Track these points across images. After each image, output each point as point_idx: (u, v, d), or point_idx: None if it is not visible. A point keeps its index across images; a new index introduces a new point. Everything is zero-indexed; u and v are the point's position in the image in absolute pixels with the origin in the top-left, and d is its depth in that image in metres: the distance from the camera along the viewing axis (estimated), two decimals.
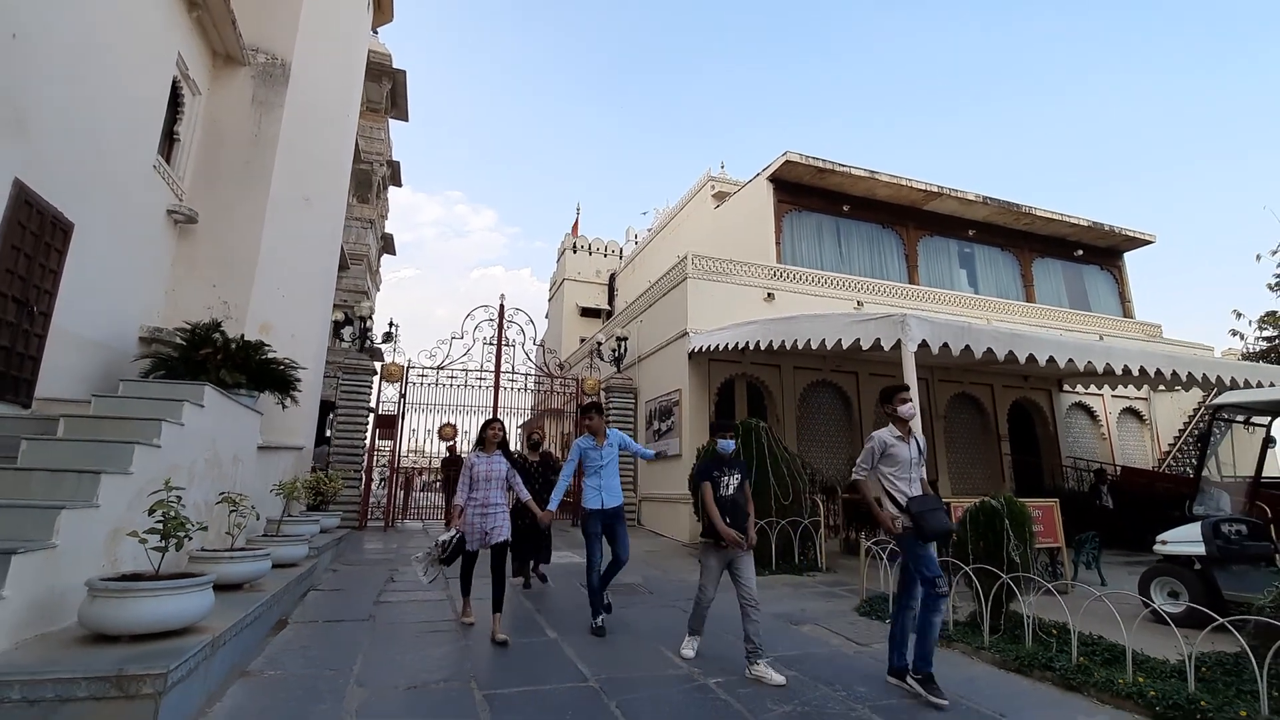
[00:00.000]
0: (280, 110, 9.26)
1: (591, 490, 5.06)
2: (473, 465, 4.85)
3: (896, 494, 3.80)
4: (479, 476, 4.81)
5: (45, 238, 5.67)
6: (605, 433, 5.23)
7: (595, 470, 5.07)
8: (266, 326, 8.45)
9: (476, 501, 4.77)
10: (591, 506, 5.04)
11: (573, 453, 5.25)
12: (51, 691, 2.47)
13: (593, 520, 5.02)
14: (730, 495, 4.18)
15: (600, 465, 5.07)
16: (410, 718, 3.18)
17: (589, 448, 5.15)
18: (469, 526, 4.72)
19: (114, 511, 3.64)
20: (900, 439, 3.89)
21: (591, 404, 5.48)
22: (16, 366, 5.43)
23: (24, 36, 5.17)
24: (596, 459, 5.10)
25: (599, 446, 5.14)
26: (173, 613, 2.96)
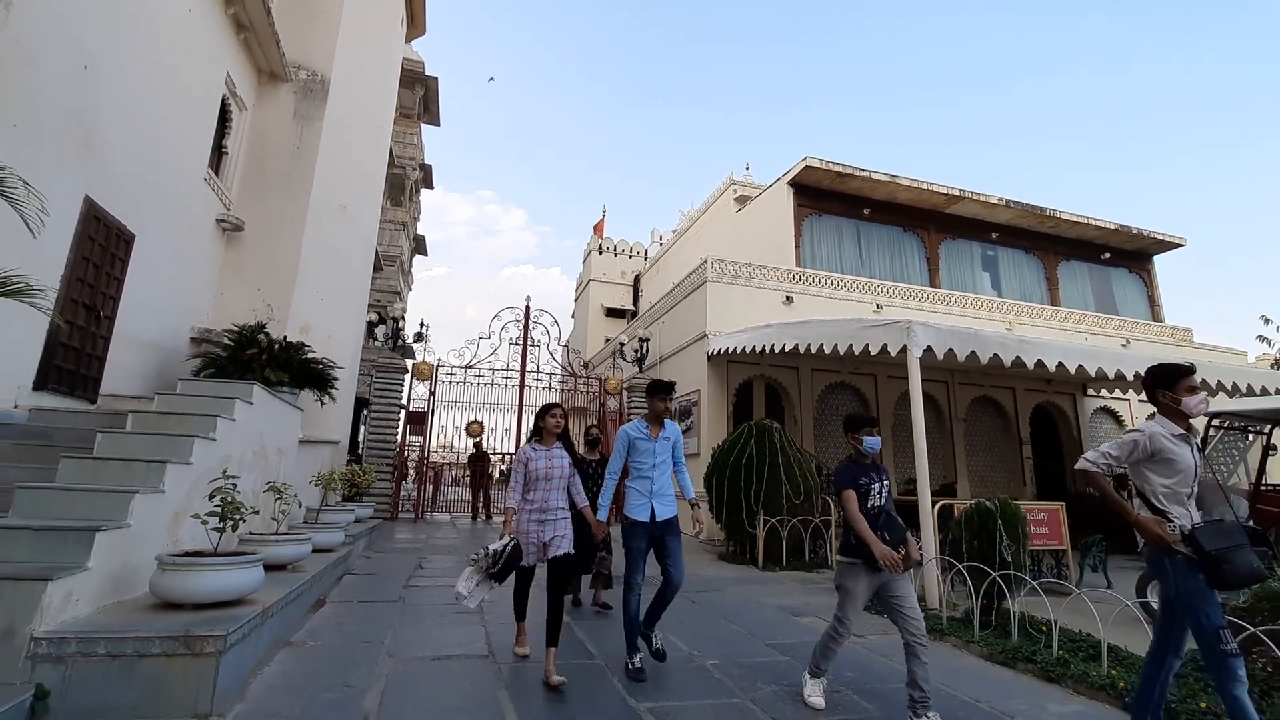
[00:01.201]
0: (320, 123, 9.81)
1: (637, 495, 3.98)
2: (528, 460, 3.91)
3: (1170, 512, 2.83)
4: (536, 474, 3.88)
5: (111, 249, 6.24)
6: (664, 424, 4.12)
7: (645, 469, 4.01)
8: (306, 328, 9.00)
9: (532, 506, 3.87)
10: (637, 517, 3.92)
11: (619, 442, 4.12)
12: (131, 648, 2.90)
13: (638, 534, 3.92)
14: (882, 505, 3.47)
15: (651, 464, 4.00)
16: (435, 683, 3.57)
17: (640, 438, 4.03)
18: (523, 536, 3.85)
19: (176, 496, 4.11)
20: (1181, 439, 2.90)
21: (660, 382, 4.20)
22: (85, 366, 6.00)
23: (93, 66, 5.71)
24: (648, 455, 4.00)
25: (653, 438, 4.04)
26: (230, 585, 3.38)
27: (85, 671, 2.81)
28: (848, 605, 3.49)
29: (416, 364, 13.07)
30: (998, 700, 3.70)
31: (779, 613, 5.80)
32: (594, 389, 15.04)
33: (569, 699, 3.44)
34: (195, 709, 2.88)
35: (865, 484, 3.49)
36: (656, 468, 4.03)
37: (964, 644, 4.74)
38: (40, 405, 5.19)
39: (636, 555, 3.96)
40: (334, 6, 10.39)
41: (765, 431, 8.83)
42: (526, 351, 13.98)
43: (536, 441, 4.07)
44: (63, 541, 3.19)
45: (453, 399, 13.61)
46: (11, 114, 4.61)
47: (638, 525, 3.95)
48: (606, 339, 24.43)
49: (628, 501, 4.02)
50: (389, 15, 11.80)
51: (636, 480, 4.03)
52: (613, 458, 4.21)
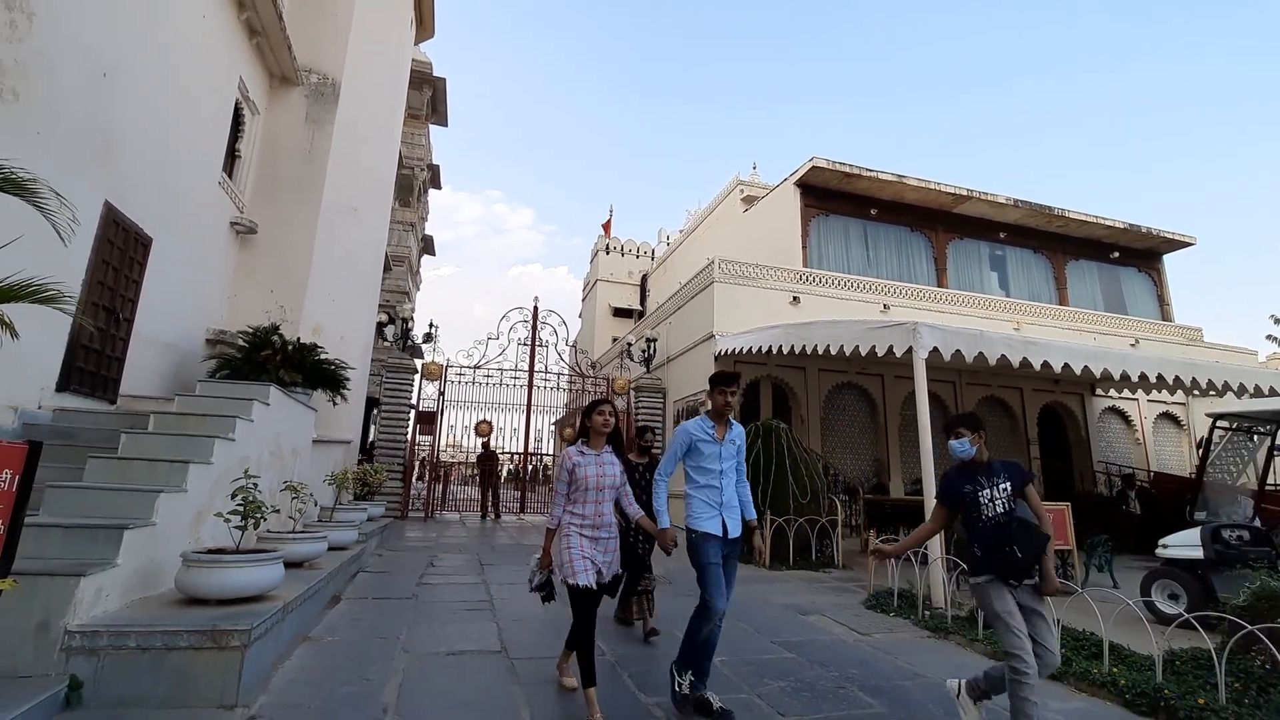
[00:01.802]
0: (331, 126, 9.94)
1: (704, 506, 3.40)
2: (575, 466, 3.28)
3: None
4: (586, 483, 3.24)
5: (129, 252, 6.37)
6: (730, 423, 3.55)
7: (709, 476, 3.42)
8: (318, 329, 9.13)
9: (584, 522, 3.23)
10: (706, 529, 3.35)
11: (677, 441, 3.54)
12: (160, 641, 3.01)
13: (710, 547, 3.34)
14: (1004, 513, 2.97)
15: (718, 470, 3.43)
16: (450, 678, 3.67)
17: (704, 439, 3.46)
18: (574, 554, 3.16)
19: (198, 495, 4.23)
20: None
21: (724, 373, 3.60)
22: (105, 368, 6.14)
23: (113, 74, 5.84)
24: (713, 459, 3.43)
25: (718, 440, 3.46)
26: (252, 581, 3.50)
27: (116, 663, 2.92)
28: (1011, 637, 2.88)
29: (426, 364, 13.21)
30: (999, 697, 3.76)
31: (785, 611, 5.88)
32: (602, 389, 15.14)
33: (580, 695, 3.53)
34: (221, 700, 2.99)
35: (972, 492, 3.06)
36: (724, 475, 3.44)
37: (968, 642, 4.80)
38: (63, 406, 5.33)
39: (716, 571, 3.30)
40: (344, 10, 10.52)
41: (772, 432, 8.90)
42: (535, 352, 14.10)
43: (584, 444, 3.39)
44: (93, 539, 3.31)
45: (462, 399, 13.75)
46: (35, 122, 4.74)
47: (711, 539, 3.34)
48: (614, 339, 24.53)
49: (692, 512, 3.42)
50: (398, 18, 11.92)
51: (700, 489, 3.44)
52: (666, 458, 3.60)
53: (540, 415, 14.51)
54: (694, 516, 3.43)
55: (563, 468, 3.35)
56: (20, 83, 4.47)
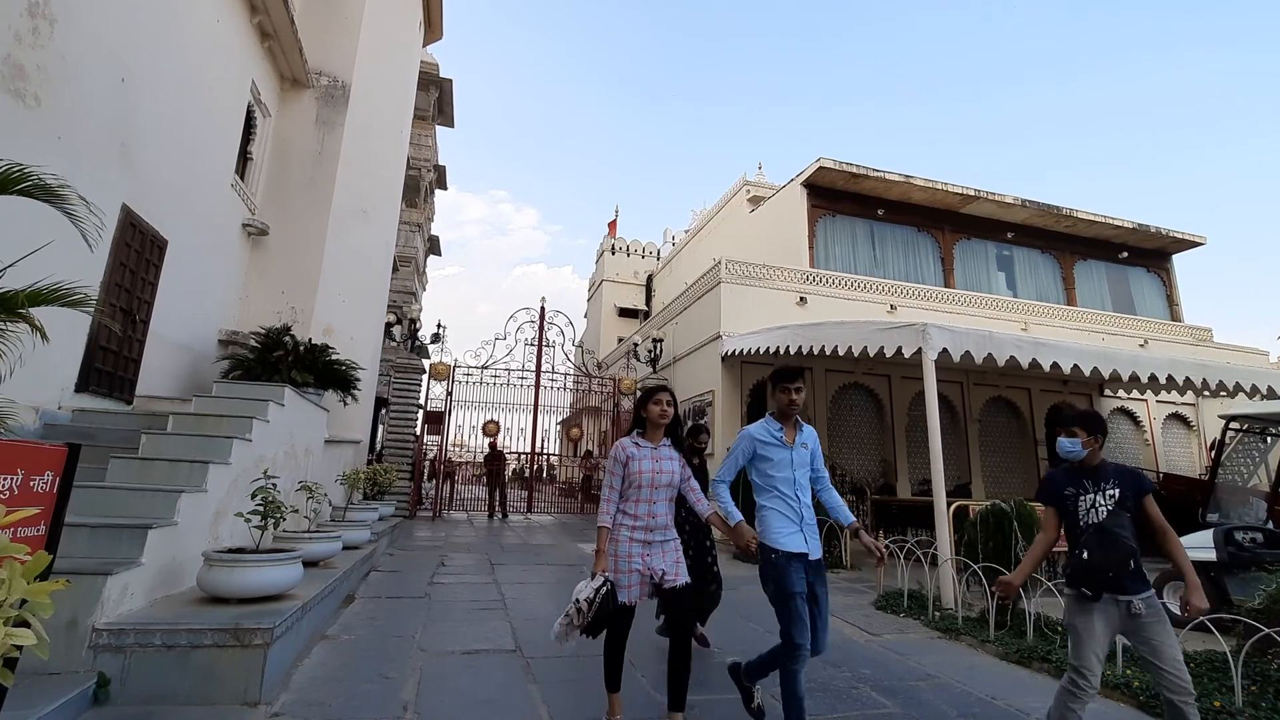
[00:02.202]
0: (341, 128, 10.01)
1: (782, 520, 2.93)
2: (629, 459, 2.96)
3: None
4: (640, 479, 2.93)
5: (146, 255, 6.44)
6: (800, 425, 3.12)
7: (781, 486, 2.97)
8: (329, 330, 9.19)
9: (635, 523, 2.92)
10: (790, 547, 2.87)
11: (738, 446, 3.12)
12: (184, 639, 3.06)
13: (793, 571, 2.83)
14: (1101, 525, 2.73)
15: (790, 479, 2.97)
16: (467, 676, 3.71)
17: (771, 442, 3.03)
18: (622, 562, 2.90)
19: (217, 495, 4.29)
20: None
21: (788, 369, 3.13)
22: (122, 368, 6.21)
23: (131, 79, 5.91)
24: (783, 466, 2.99)
25: (788, 444, 3.02)
26: (273, 581, 3.55)
27: (143, 661, 2.97)
28: (1081, 650, 2.71)
29: (434, 364, 13.29)
30: (1013, 697, 3.78)
31: None
32: (608, 389, 15.19)
33: (598, 693, 3.56)
34: (245, 698, 3.03)
35: (1072, 495, 2.83)
36: (798, 485, 2.98)
37: (979, 643, 4.81)
38: (82, 406, 5.39)
39: (798, 600, 2.78)
40: (354, 13, 10.58)
41: None
42: (541, 352, 14.16)
43: (639, 435, 3.07)
44: (117, 538, 3.37)
45: (469, 399, 13.82)
46: (57, 126, 4.81)
47: (793, 560, 2.83)
48: (619, 339, 24.58)
49: (767, 527, 2.92)
50: (408, 21, 11.99)
51: (773, 499, 2.96)
52: (727, 462, 3.13)
53: (546, 415, 14.57)
54: (770, 533, 2.89)
55: (615, 460, 2.99)
56: (43, 88, 4.53)
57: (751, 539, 2.89)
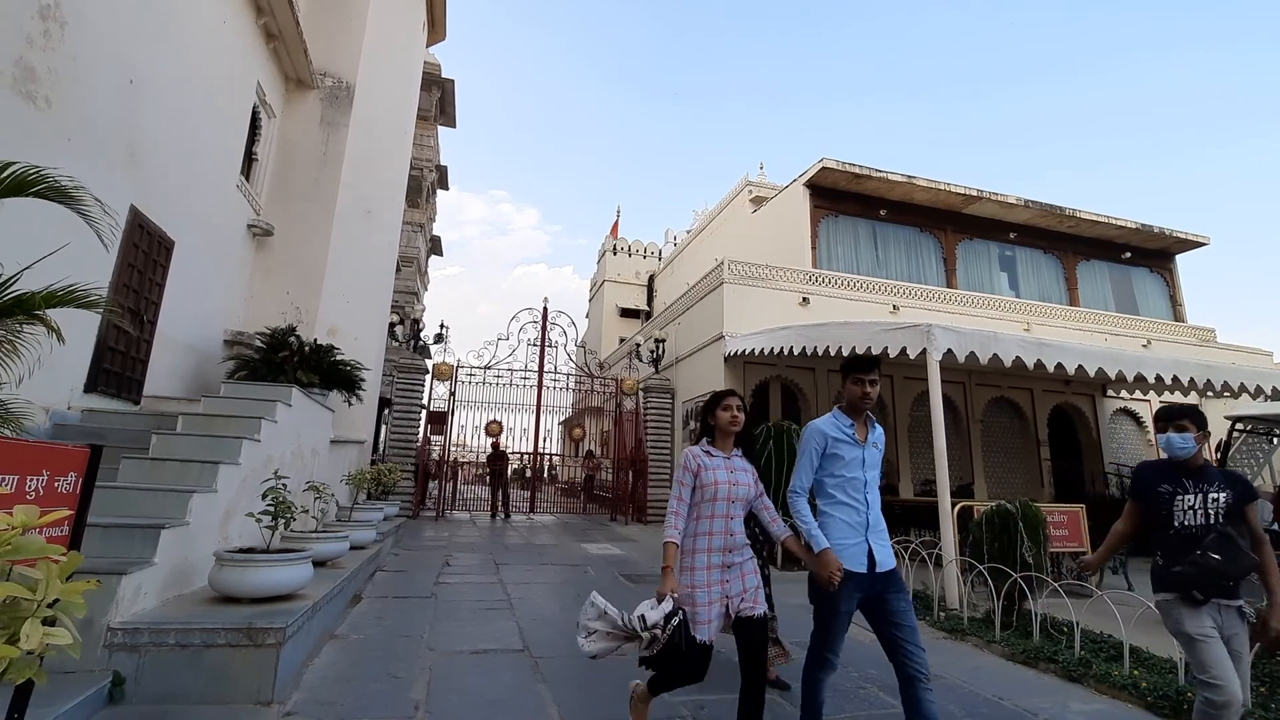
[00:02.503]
0: (345, 129, 10.02)
1: (844, 529, 2.63)
2: (700, 469, 2.66)
3: None
4: (716, 490, 2.62)
5: (153, 256, 6.46)
6: (871, 422, 2.83)
7: (850, 489, 2.68)
8: (333, 330, 9.21)
9: (711, 541, 2.60)
10: (847, 565, 2.56)
11: (809, 443, 2.76)
12: (198, 639, 3.08)
13: (845, 591, 2.54)
14: (1206, 526, 2.60)
15: (861, 481, 2.70)
16: (476, 675, 3.73)
17: (844, 440, 2.72)
18: (699, 591, 2.54)
19: (227, 495, 4.31)
20: None
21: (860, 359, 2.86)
22: (130, 369, 6.23)
23: (138, 81, 5.93)
24: (854, 466, 2.70)
25: (860, 442, 2.73)
26: (284, 581, 3.57)
27: (157, 660, 3.00)
28: (1207, 658, 2.50)
29: (437, 365, 13.32)
30: (1020, 698, 3.79)
31: (800, 610, 5.85)
32: (610, 389, 15.21)
33: (607, 693, 3.58)
34: (258, 697, 3.05)
35: (1168, 493, 2.67)
36: (868, 487, 2.70)
37: (985, 644, 4.82)
38: (91, 406, 5.41)
39: (840, 620, 2.58)
40: (359, 15, 10.60)
41: (783, 433, 8.91)
42: (544, 352, 14.18)
43: (709, 444, 2.78)
44: (130, 538, 3.39)
45: (472, 399, 13.85)
46: (68, 129, 4.83)
47: (848, 577, 2.54)
48: (621, 339, 24.60)
49: (827, 535, 2.61)
50: (411, 22, 12.01)
51: (835, 505, 2.66)
52: (800, 465, 2.76)
53: (548, 415, 14.60)
54: (835, 542, 2.61)
55: (685, 469, 2.67)
56: (54, 90, 4.55)
57: (836, 571, 2.49)
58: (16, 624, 1.13)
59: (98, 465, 2.04)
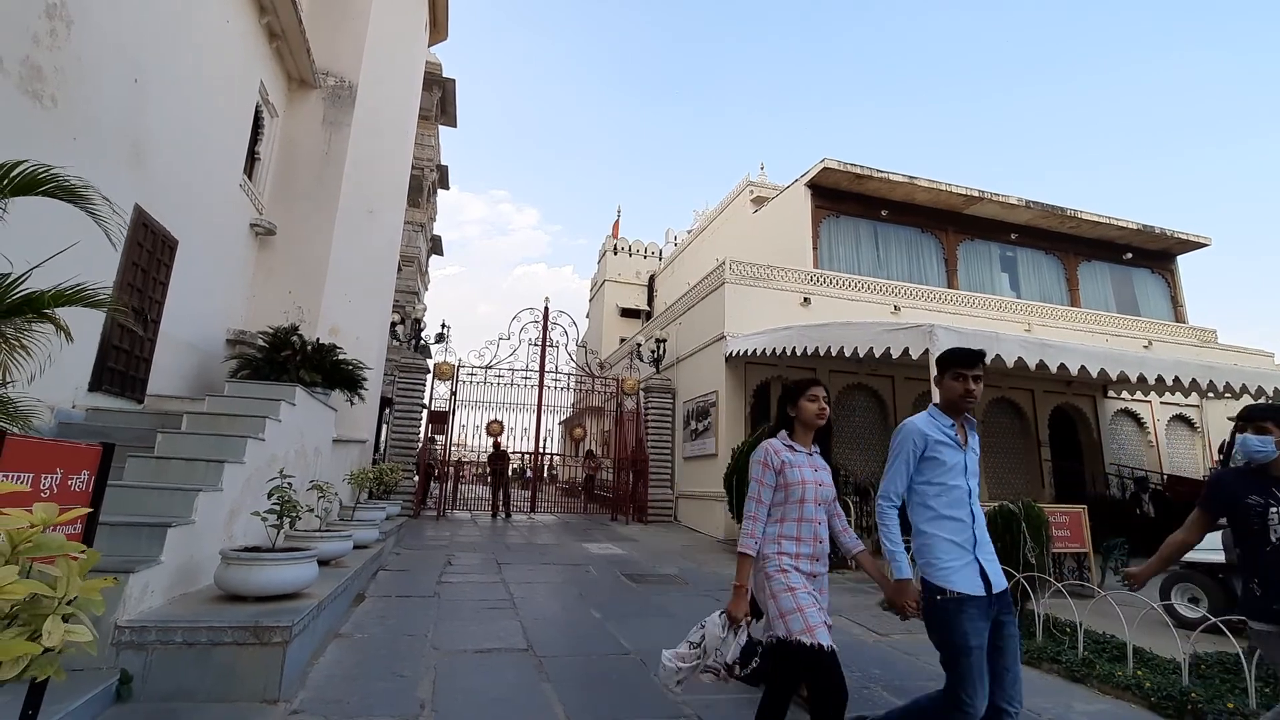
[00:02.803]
0: (348, 129, 10.03)
1: (947, 546, 2.27)
2: (783, 465, 2.37)
3: None
4: (803, 491, 2.35)
5: (157, 255, 6.47)
6: (969, 420, 2.47)
7: (952, 497, 2.32)
8: (335, 329, 9.22)
9: (799, 548, 2.33)
10: (965, 589, 2.20)
11: (904, 445, 2.39)
12: (205, 637, 3.09)
13: (966, 620, 2.17)
14: None
15: (965, 489, 2.34)
16: (481, 675, 3.73)
17: (944, 441, 2.36)
18: (803, 595, 2.25)
19: (232, 494, 4.32)
20: None
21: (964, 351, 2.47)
22: (134, 368, 6.24)
23: (143, 80, 5.94)
24: (956, 473, 2.34)
25: (961, 445, 2.38)
26: (289, 579, 3.57)
27: (164, 658, 3.00)
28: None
29: (438, 364, 13.32)
30: (1027, 699, 3.79)
31: None
32: (611, 389, 15.21)
33: (612, 693, 3.59)
34: (264, 695, 3.06)
35: (1259, 505, 2.37)
36: (973, 497, 2.35)
37: None
38: (95, 405, 5.42)
39: (975, 658, 2.14)
40: (361, 14, 10.61)
41: None
42: (545, 352, 14.18)
43: (787, 437, 2.47)
44: (138, 537, 3.40)
45: (473, 399, 13.85)
46: (73, 127, 4.84)
47: (967, 603, 2.17)
48: (621, 339, 24.60)
49: (932, 557, 2.26)
50: (414, 22, 12.01)
51: (937, 521, 2.29)
52: (892, 469, 2.39)
53: (548, 415, 14.60)
54: (937, 565, 2.24)
55: (766, 466, 2.35)
56: (59, 89, 4.56)
57: (914, 602, 2.24)
58: (37, 621, 1.13)
59: (110, 463, 2.05)
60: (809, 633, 2.12)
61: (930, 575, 2.26)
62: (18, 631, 1.11)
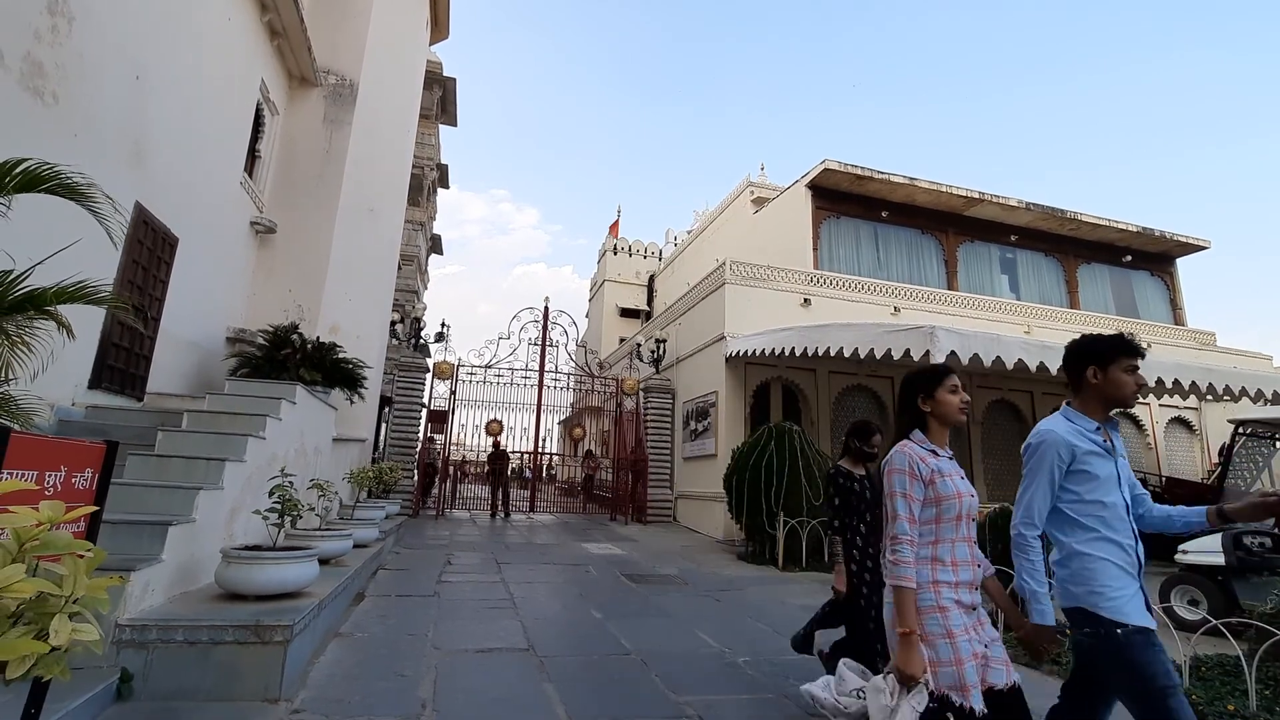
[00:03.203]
0: (349, 127, 10.01)
1: (1112, 571, 1.94)
2: (934, 475, 1.97)
3: None
4: (958, 506, 1.98)
5: (157, 252, 6.46)
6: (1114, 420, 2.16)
7: (1108, 515, 1.99)
8: (335, 328, 9.20)
9: (955, 576, 1.95)
10: (1133, 619, 1.89)
11: (1048, 455, 2.04)
12: (206, 636, 3.08)
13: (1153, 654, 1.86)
14: None
15: (1119, 502, 2.01)
16: (482, 674, 3.73)
17: (1091, 448, 2.04)
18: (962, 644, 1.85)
19: (233, 493, 4.31)
20: None
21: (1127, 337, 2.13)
22: (134, 365, 6.23)
23: (144, 77, 5.92)
24: (1108, 486, 2.01)
25: (1109, 451, 2.05)
26: (290, 578, 3.56)
27: (165, 656, 2.99)
28: None
29: (438, 363, 13.31)
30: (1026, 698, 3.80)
31: (803, 611, 5.90)
32: (610, 389, 15.21)
33: (613, 693, 3.59)
34: (265, 694, 3.05)
35: None
36: (1133, 514, 2.03)
37: None
38: (95, 403, 5.41)
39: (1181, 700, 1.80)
40: (363, 12, 10.59)
41: (785, 434, 8.94)
42: (545, 352, 14.18)
43: (923, 437, 2.05)
44: (138, 535, 3.39)
45: (472, 398, 13.84)
46: (74, 124, 4.82)
47: (1148, 636, 1.87)
48: (621, 339, 24.60)
49: (1096, 584, 1.92)
50: (415, 20, 12.00)
51: (1097, 540, 1.96)
52: (1033, 488, 2.04)
53: (548, 415, 14.59)
54: (1104, 594, 1.90)
55: (911, 476, 1.93)
56: (60, 86, 4.55)
57: (1051, 648, 1.99)
58: (44, 619, 1.13)
59: (113, 461, 2.04)
60: (961, 692, 1.78)
61: (1098, 606, 1.90)
62: (24, 630, 1.11)
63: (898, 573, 1.88)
